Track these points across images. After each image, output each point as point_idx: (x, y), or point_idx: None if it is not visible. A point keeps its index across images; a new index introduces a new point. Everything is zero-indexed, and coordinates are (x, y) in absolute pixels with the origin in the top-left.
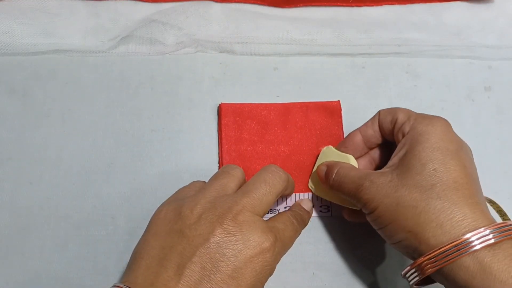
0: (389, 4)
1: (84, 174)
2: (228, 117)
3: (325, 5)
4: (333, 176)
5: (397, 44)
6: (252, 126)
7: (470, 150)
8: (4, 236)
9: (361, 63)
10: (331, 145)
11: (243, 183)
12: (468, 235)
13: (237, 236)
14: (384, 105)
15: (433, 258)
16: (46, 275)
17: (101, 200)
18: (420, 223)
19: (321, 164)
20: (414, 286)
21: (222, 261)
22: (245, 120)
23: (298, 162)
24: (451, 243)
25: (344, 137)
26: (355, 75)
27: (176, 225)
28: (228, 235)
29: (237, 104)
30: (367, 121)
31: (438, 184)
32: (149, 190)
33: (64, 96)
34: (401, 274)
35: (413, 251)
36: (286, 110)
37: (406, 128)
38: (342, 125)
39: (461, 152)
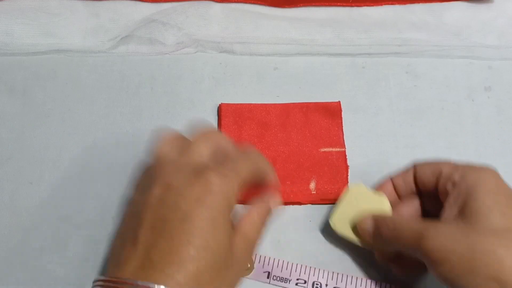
0: (389, 4)
1: (84, 174)
2: (228, 117)
3: (325, 5)
4: (388, 227)
5: (397, 44)
6: (252, 126)
7: None
8: (4, 236)
9: (361, 63)
10: (331, 147)
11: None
12: None
13: (174, 186)
14: (384, 105)
15: None
16: (46, 275)
17: (101, 200)
18: (506, 269)
19: (365, 218)
20: None
21: (168, 213)
22: (245, 120)
23: (298, 163)
24: None
25: (344, 138)
26: (355, 75)
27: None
28: (167, 190)
29: (237, 104)
30: (401, 172)
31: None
32: None
33: (64, 96)
34: None
35: None
36: (286, 110)
37: (456, 177)
38: (342, 127)
39: None
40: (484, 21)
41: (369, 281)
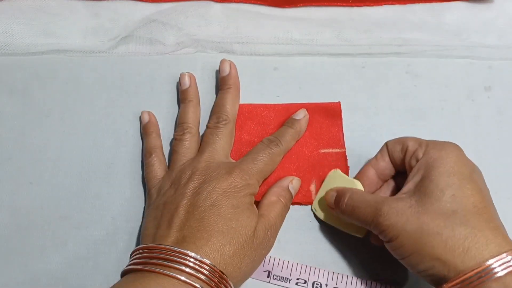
0: (389, 4)
1: (84, 174)
2: None
3: (325, 5)
4: (346, 200)
5: (397, 44)
6: (252, 126)
7: (481, 173)
8: (4, 236)
9: (361, 63)
10: (331, 148)
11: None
12: (490, 261)
13: (206, 180)
14: (384, 105)
15: (457, 285)
16: (46, 275)
17: (101, 200)
18: (448, 250)
19: (330, 190)
20: None
21: (200, 201)
22: (245, 121)
23: (298, 164)
24: (474, 270)
25: (344, 139)
26: (355, 75)
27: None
28: (203, 183)
29: None
30: (376, 155)
31: (459, 210)
32: None
33: (64, 96)
34: None
35: (441, 279)
36: (286, 111)
37: (419, 154)
38: (342, 127)
39: (474, 175)
40: (484, 21)
41: (369, 282)
